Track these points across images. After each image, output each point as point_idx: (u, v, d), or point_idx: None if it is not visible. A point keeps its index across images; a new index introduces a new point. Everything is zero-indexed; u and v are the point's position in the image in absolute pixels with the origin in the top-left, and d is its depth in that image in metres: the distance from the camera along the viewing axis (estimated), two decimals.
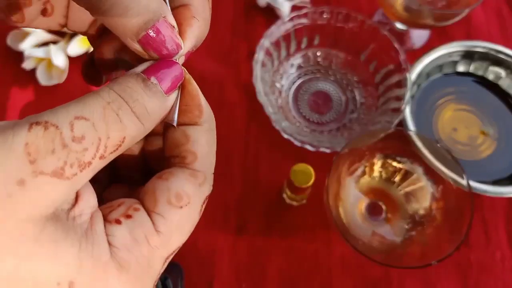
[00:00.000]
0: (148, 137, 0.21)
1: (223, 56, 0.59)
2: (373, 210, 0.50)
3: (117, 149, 0.16)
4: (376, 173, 0.50)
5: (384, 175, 0.50)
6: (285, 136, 0.51)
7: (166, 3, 0.18)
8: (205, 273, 0.49)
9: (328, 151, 0.50)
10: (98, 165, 0.15)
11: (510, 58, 0.55)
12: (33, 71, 0.55)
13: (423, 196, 0.48)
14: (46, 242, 0.14)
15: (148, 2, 0.16)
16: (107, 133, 0.15)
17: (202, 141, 0.19)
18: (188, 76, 0.19)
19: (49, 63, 0.54)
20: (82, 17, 0.22)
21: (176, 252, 0.18)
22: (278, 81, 0.57)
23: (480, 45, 0.56)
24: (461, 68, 0.58)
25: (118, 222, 0.16)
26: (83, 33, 0.23)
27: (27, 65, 0.55)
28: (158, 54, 0.17)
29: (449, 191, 0.46)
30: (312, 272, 0.49)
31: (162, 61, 0.18)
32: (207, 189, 0.19)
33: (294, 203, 0.51)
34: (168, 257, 0.18)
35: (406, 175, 0.49)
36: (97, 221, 0.16)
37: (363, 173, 0.50)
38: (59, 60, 0.53)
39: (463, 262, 0.50)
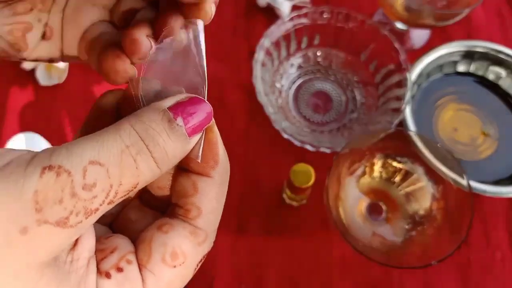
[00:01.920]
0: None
1: (223, 56, 0.59)
2: (373, 210, 0.50)
3: (127, 193, 0.15)
4: (376, 173, 0.50)
5: (384, 175, 0.50)
6: (285, 136, 0.51)
7: None
8: (205, 273, 0.49)
9: (328, 151, 0.50)
10: (105, 209, 0.15)
11: (510, 58, 0.55)
12: (33, 71, 0.55)
13: (423, 196, 0.48)
14: None
15: None
16: (120, 180, 0.15)
17: (210, 196, 0.18)
18: (212, 124, 0.17)
19: (49, 63, 0.54)
20: (74, 31, 0.21)
21: None
22: (278, 81, 0.57)
23: (480, 45, 0.56)
24: (461, 68, 0.58)
25: (108, 276, 0.16)
26: (76, 59, 0.22)
27: (27, 65, 0.55)
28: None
29: (449, 191, 0.46)
30: (312, 272, 0.49)
31: (191, 98, 0.17)
32: (206, 247, 0.18)
33: (294, 203, 0.51)
34: None
35: (407, 175, 0.49)
36: (91, 271, 0.16)
37: (363, 173, 0.50)
38: None
39: (463, 262, 0.50)
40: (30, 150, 0.15)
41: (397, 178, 0.50)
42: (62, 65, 0.54)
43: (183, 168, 0.18)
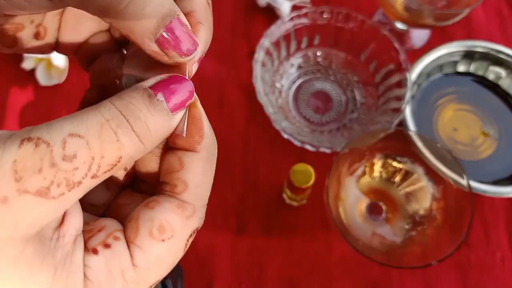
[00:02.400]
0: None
1: (223, 56, 0.59)
2: (373, 210, 0.50)
3: (112, 168, 0.15)
4: (376, 173, 0.50)
5: (384, 175, 0.50)
6: (285, 136, 0.51)
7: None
8: (205, 273, 0.49)
9: (328, 151, 0.50)
10: (89, 184, 0.15)
11: (511, 58, 0.55)
12: (32, 71, 0.55)
13: (423, 196, 0.48)
14: (23, 265, 0.14)
15: (161, 0, 0.16)
16: (102, 153, 0.15)
17: (197, 170, 0.18)
18: (194, 100, 0.18)
19: (49, 63, 0.54)
20: (73, 38, 0.21)
21: (154, 285, 0.17)
22: (278, 81, 0.57)
23: (480, 45, 0.56)
24: (461, 68, 0.58)
25: (95, 251, 0.16)
26: (72, 56, 0.22)
27: (26, 65, 0.55)
28: (177, 52, 0.17)
29: (449, 191, 0.46)
30: (312, 272, 0.49)
31: (172, 76, 0.17)
32: (196, 222, 0.17)
33: (294, 203, 0.51)
34: None
35: (406, 175, 0.49)
36: (78, 247, 0.16)
37: (363, 173, 0.50)
38: (59, 60, 0.53)
39: (463, 262, 0.50)
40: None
41: (397, 178, 0.50)
42: (62, 65, 0.54)
43: (170, 148, 0.18)
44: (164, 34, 0.16)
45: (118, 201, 0.20)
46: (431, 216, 0.47)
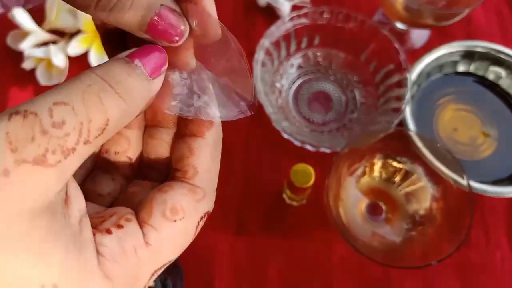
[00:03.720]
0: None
1: None
2: (373, 210, 0.50)
3: (102, 132, 0.15)
4: (376, 173, 0.50)
5: (384, 175, 0.50)
6: (285, 136, 0.51)
7: None
8: (205, 273, 0.49)
9: (328, 151, 0.50)
10: (84, 151, 0.15)
11: (511, 58, 0.55)
12: (33, 71, 0.55)
13: (423, 196, 0.48)
14: (35, 241, 0.14)
15: None
16: (88, 116, 0.15)
17: (205, 156, 0.19)
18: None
19: (49, 63, 0.54)
20: None
21: (166, 265, 0.18)
22: (278, 81, 0.57)
23: (480, 45, 0.56)
24: (461, 68, 0.58)
25: (108, 232, 0.16)
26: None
27: (27, 65, 0.55)
28: (167, 41, 0.18)
29: (449, 191, 0.46)
30: (312, 272, 0.49)
31: (146, 46, 0.18)
32: (206, 205, 0.19)
33: (294, 203, 0.51)
34: (156, 271, 0.17)
35: (406, 175, 0.49)
36: (86, 227, 0.16)
37: (363, 173, 0.50)
38: (59, 60, 0.53)
39: (463, 262, 0.50)
40: None
41: (397, 178, 0.50)
42: (62, 65, 0.54)
43: (180, 136, 0.20)
44: (151, 23, 0.17)
45: (128, 190, 0.20)
46: (431, 216, 0.47)
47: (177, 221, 0.17)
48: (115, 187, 0.20)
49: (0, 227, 0.13)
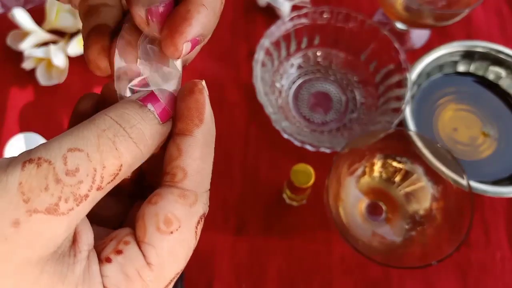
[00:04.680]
0: None
1: (223, 56, 0.59)
2: (373, 210, 0.50)
3: (114, 178, 0.15)
4: (376, 173, 0.50)
5: (384, 175, 0.50)
6: (285, 136, 0.51)
7: None
8: (205, 273, 0.49)
9: (328, 151, 0.50)
10: (96, 196, 0.15)
11: (510, 58, 0.55)
12: (33, 71, 0.55)
13: (423, 196, 0.48)
14: (44, 285, 0.14)
15: None
16: (103, 163, 0.15)
17: (195, 156, 0.18)
18: (201, 86, 0.18)
19: (49, 63, 0.54)
20: None
21: (175, 279, 0.17)
22: (278, 81, 0.57)
23: (480, 45, 0.56)
24: (461, 68, 0.58)
25: (108, 260, 0.16)
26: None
27: (27, 65, 0.55)
28: (157, 27, 0.17)
29: (449, 191, 0.46)
30: (312, 272, 0.49)
31: (153, 91, 0.18)
32: (200, 208, 0.18)
33: (294, 203, 0.51)
34: (166, 287, 0.17)
35: (406, 175, 0.49)
36: (93, 261, 0.16)
37: (363, 173, 0.50)
38: (59, 60, 0.53)
39: (463, 262, 0.50)
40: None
41: (397, 178, 0.50)
42: (62, 65, 0.54)
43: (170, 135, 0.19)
44: (156, 8, 0.17)
45: (133, 212, 0.20)
46: (431, 216, 0.47)
47: (173, 232, 0.17)
48: (121, 207, 0.20)
49: (9, 277, 0.14)
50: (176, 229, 0.17)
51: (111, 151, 0.15)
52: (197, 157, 0.18)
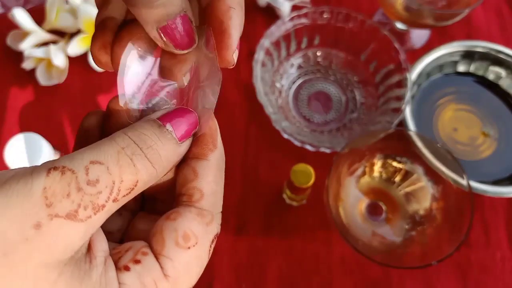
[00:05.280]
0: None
1: None
2: (373, 210, 0.50)
3: (129, 192, 0.16)
4: (376, 173, 0.50)
5: (384, 175, 0.50)
6: (285, 136, 0.51)
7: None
8: (205, 273, 0.49)
9: (328, 151, 0.50)
10: (111, 208, 0.16)
11: (510, 58, 0.55)
12: (33, 71, 0.55)
13: (423, 196, 0.48)
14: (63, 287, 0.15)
15: None
16: (121, 177, 0.16)
17: (209, 178, 0.19)
18: (211, 113, 0.19)
19: (49, 63, 0.54)
20: None
21: None
22: (278, 81, 0.57)
23: (480, 45, 0.56)
24: (461, 68, 0.58)
25: (127, 268, 0.17)
26: None
27: (27, 65, 0.55)
28: (173, 44, 0.18)
29: (449, 191, 0.46)
30: (312, 272, 0.49)
31: (178, 109, 0.18)
32: (215, 228, 0.19)
33: (294, 203, 0.51)
34: None
35: (406, 175, 0.49)
36: (110, 268, 0.17)
37: (363, 173, 0.50)
38: (59, 60, 0.53)
39: (463, 262, 0.50)
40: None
41: (397, 178, 0.50)
42: (62, 65, 0.54)
43: (183, 160, 0.20)
44: (167, 25, 0.18)
45: (136, 226, 0.21)
46: (431, 216, 0.47)
47: (190, 248, 0.17)
48: (123, 222, 0.21)
49: (28, 278, 0.14)
50: (193, 245, 0.18)
51: (129, 167, 0.16)
52: (211, 180, 0.19)
